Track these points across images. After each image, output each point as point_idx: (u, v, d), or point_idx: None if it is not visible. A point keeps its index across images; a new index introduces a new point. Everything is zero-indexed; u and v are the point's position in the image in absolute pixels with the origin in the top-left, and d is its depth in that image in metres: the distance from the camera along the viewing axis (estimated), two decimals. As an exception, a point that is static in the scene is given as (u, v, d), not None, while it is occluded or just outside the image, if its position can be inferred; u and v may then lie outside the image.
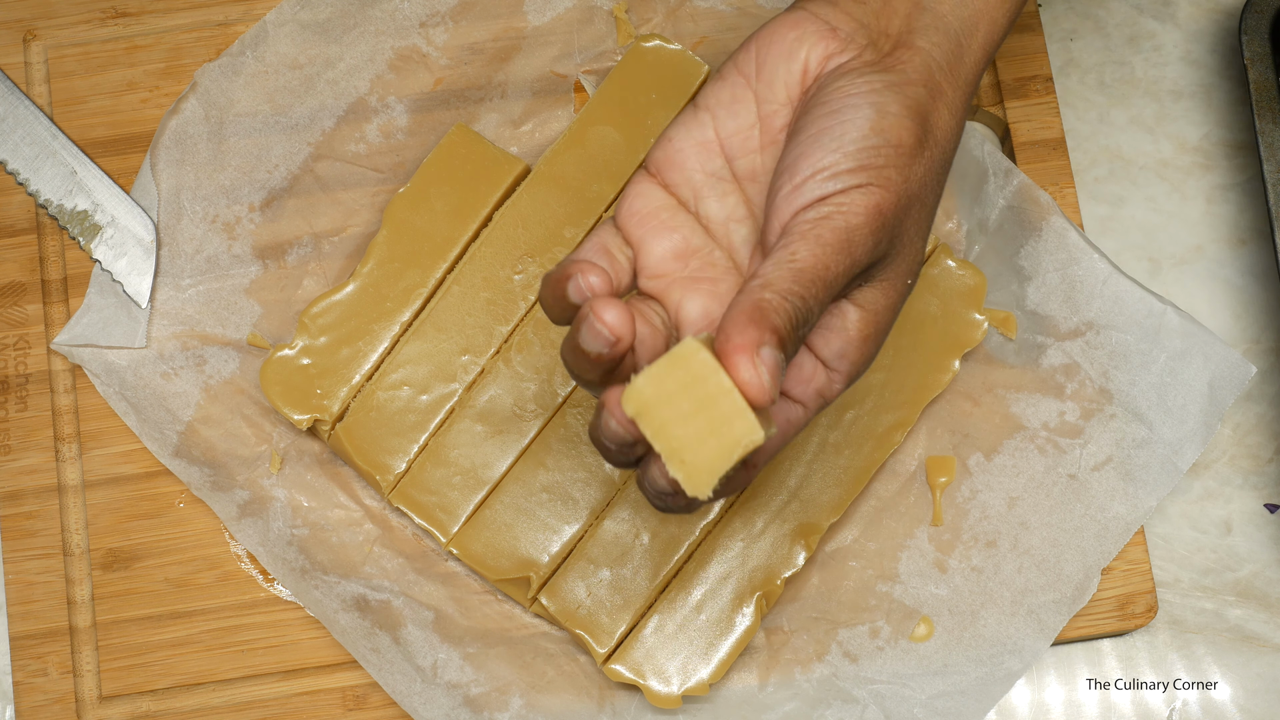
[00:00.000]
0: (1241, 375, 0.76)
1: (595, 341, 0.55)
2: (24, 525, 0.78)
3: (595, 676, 0.76)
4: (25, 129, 0.80)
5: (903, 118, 0.57)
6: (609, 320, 0.55)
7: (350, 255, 0.80)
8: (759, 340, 0.53)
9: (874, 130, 0.56)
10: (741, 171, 0.60)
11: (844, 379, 0.59)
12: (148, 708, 0.76)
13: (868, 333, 0.58)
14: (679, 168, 0.60)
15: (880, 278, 0.58)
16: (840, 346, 0.58)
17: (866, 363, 0.59)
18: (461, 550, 0.75)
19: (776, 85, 0.59)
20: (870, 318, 0.58)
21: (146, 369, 0.78)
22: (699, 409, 0.52)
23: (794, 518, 0.75)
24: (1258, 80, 0.78)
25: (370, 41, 0.81)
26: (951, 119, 0.59)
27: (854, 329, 0.58)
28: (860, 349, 0.58)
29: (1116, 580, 0.77)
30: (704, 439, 0.52)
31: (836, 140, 0.56)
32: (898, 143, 0.56)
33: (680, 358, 0.52)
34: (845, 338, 0.58)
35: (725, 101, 0.60)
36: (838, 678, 0.75)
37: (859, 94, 0.57)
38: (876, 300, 0.58)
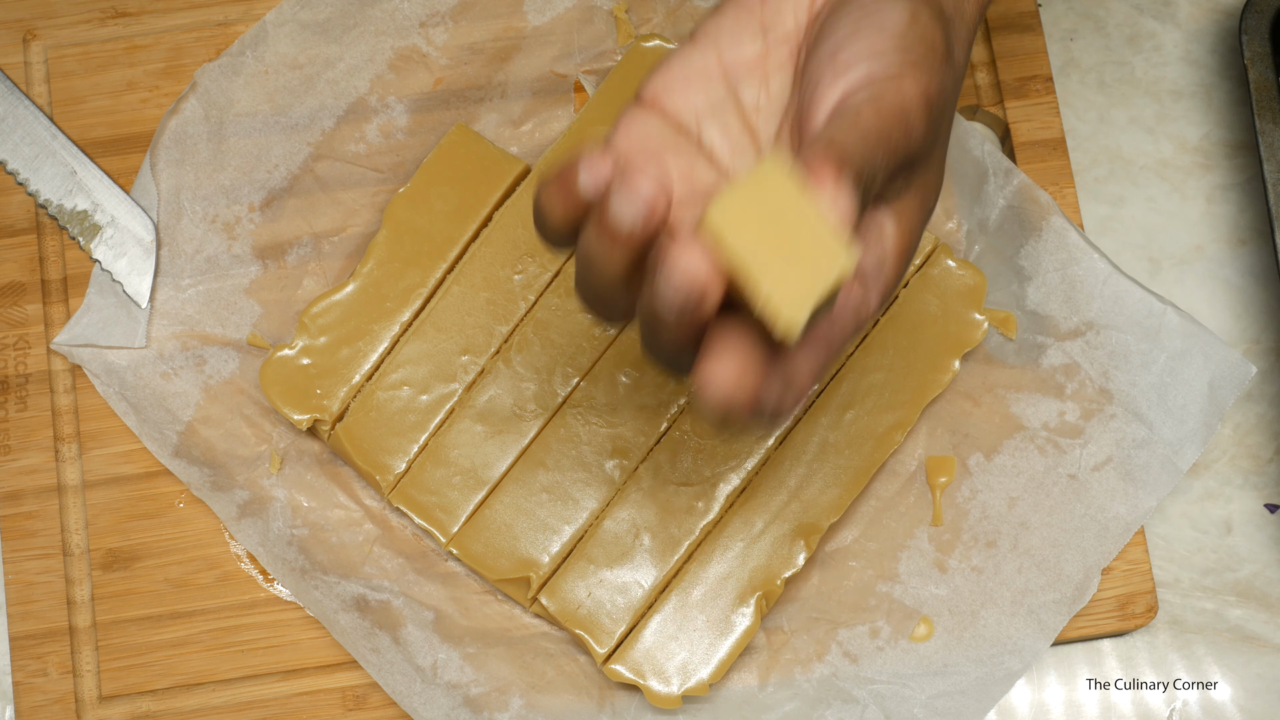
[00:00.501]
0: (1241, 375, 0.76)
1: (631, 205, 0.49)
2: (24, 525, 0.78)
3: (595, 676, 0.76)
4: (25, 129, 0.80)
5: (934, 23, 0.55)
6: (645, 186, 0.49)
7: (350, 255, 0.80)
8: (839, 172, 0.49)
9: (911, 26, 0.54)
10: (746, 101, 0.57)
11: (879, 295, 0.54)
12: (148, 708, 0.76)
13: (902, 245, 0.55)
14: (679, 94, 0.56)
15: (915, 185, 0.55)
16: (878, 256, 0.54)
17: (897, 280, 0.55)
18: (461, 550, 0.75)
19: (784, 12, 0.56)
20: (906, 229, 0.55)
21: (146, 369, 0.78)
22: (786, 234, 0.47)
23: (794, 518, 0.75)
24: (1258, 80, 0.78)
25: (370, 41, 0.81)
26: (962, 52, 0.57)
27: (890, 241, 0.54)
28: (895, 264, 0.54)
29: (1116, 580, 0.77)
30: (792, 265, 0.47)
31: (878, 30, 0.53)
32: (933, 43, 0.54)
33: (765, 178, 0.48)
34: (883, 249, 0.54)
35: (728, 29, 0.57)
36: (838, 678, 0.75)
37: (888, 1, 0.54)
38: (913, 210, 0.55)
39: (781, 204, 0.48)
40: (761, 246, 0.48)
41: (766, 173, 0.48)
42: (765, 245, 0.48)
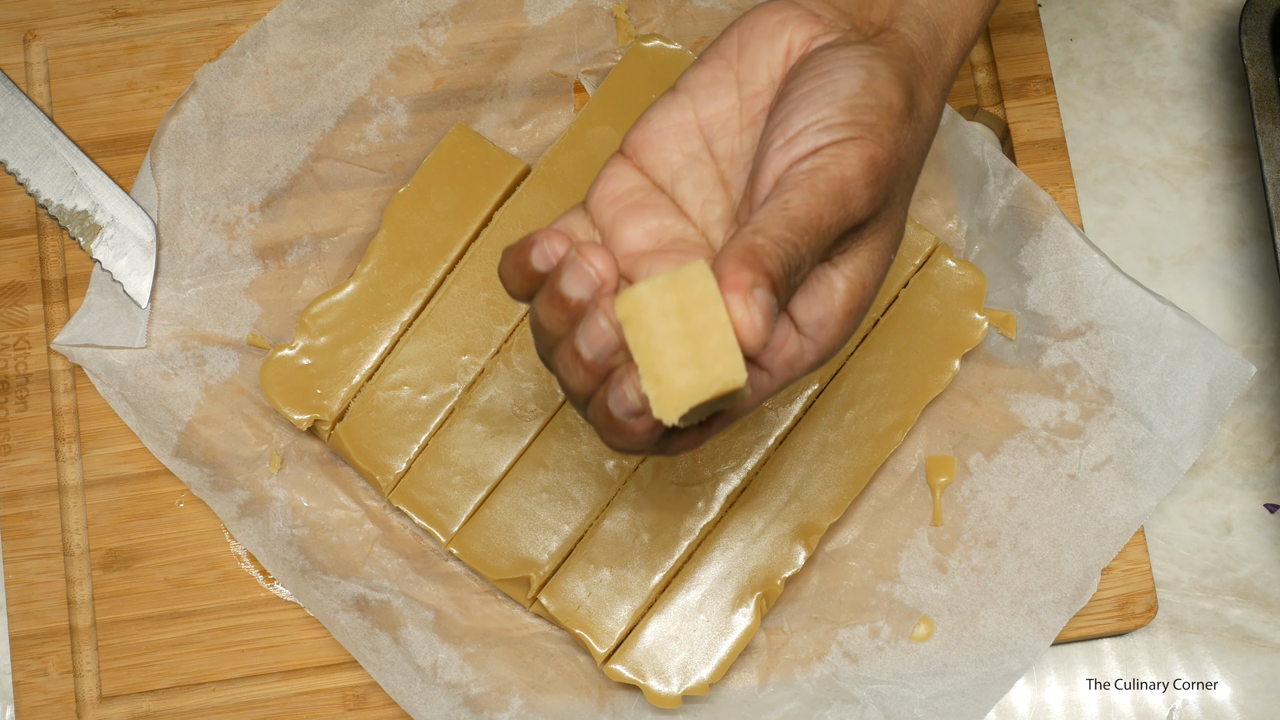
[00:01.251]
0: (1241, 375, 0.76)
1: (580, 284, 0.53)
2: (24, 525, 0.78)
3: (595, 676, 0.76)
4: (25, 129, 0.80)
5: (892, 82, 0.56)
6: (597, 264, 0.54)
7: (350, 255, 0.80)
8: (753, 281, 0.52)
9: (865, 89, 0.56)
10: (720, 153, 0.59)
11: (817, 351, 0.57)
12: (148, 708, 0.76)
13: (851, 306, 0.57)
14: (656, 149, 0.59)
15: (868, 242, 0.57)
16: (822, 315, 0.56)
17: (843, 339, 0.57)
18: (461, 550, 0.75)
19: (759, 67, 0.59)
20: (856, 290, 0.57)
21: (146, 369, 0.78)
22: (690, 334, 0.50)
23: (794, 518, 0.75)
24: (1258, 80, 0.78)
25: (370, 41, 0.81)
26: (933, 102, 0.59)
27: (839, 299, 0.57)
28: (841, 322, 0.57)
29: (1116, 580, 0.77)
30: (686, 365, 0.50)
31: (829, 95, 0.56)
32: (889, 104, 0.56)
33: (686, 278, 0.50)
34: (829, 307, 0.56)
35: (705, 83, 0.59)
36: (838, 678, 0.75)
37: (850, 58, 0.56)
38: (863, 271, 0.57)
39: (697, 307, 0.50)
40: (661, 341, 0.50)
41: (694, 273, 0.50)
42: (665, 341, 0.50)
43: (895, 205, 0.58)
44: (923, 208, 0.79)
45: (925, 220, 0.79)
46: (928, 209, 0.79)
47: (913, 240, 0.77)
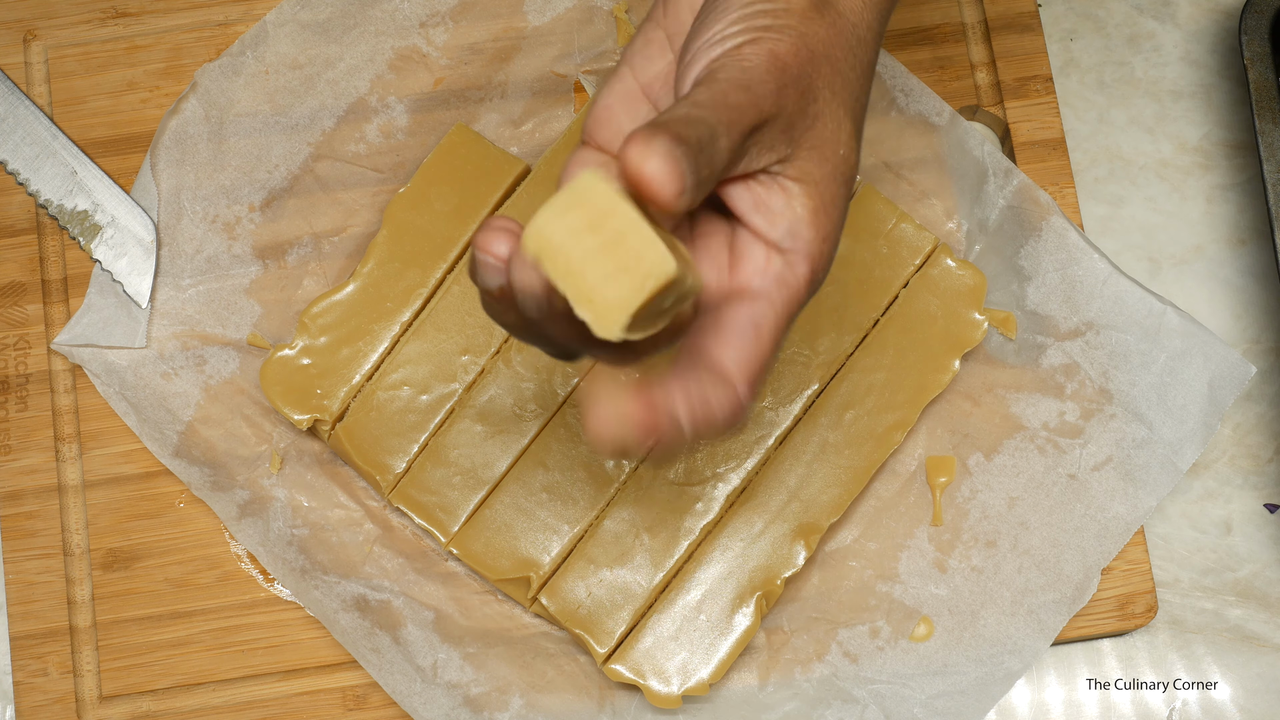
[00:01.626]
0: (1241, 375, 0.76)
1: (489, 275, 0.53)
2: (24, 525, 0.78)
3: (595, 676, 0.76)
4: (25, 129, 0.80)
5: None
6: (496, 250, 0.52)
7: (350, 255, 0.80)
8: (649, 135, 0.50)
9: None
10: None
11: (804, 260, 0.54)
12: (148, 708, 0.76)
13: (814, 205, 0.55)
14: (607, 124, 0.58)
15: (806, 144, 0.55)
16: (789, 223, 0.54)
17: (824, 242, 0.55)
18: (461, 550, 0.75)
19: (683, 14, 0.58)
20: (812, 189, 0.55)
21: (146, 369, 0.78)
22: (605, 245, 0.48)
23: (794, 518, 0.75)
24: (1258, 80, 0.78)
25: (370, 41, 0.81)
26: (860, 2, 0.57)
27: (798, 201, 0.54)
28: (811, 224, 0.54)
29: (1116, 580, 0.77)
30: (611, 276, 0.48)
31: (722, 11, 0.55)
32: (788, 5, 0.55)
33: (580, 190, 0.48)
34: (791, 213, 0.54)
35: (640, 49, 0.59)
36: (838, 678, 0.75)
37: None
38: (811, 170, 0.55)
39: (602, 216, 0.48)
40: (580, 263, 0.48)
41: (585, 183, 0.48)
42: (584, 260, 0.48)
43: (823, 100, 0.55)
44: (923, 208, 0.80)
45: (925, 220, 0.79)
46: (928, 209, 0.79)
47: (913, 240, 0.77)
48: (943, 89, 0.81)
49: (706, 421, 0.53)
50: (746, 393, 0.54)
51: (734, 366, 0.54)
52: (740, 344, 0.54)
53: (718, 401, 0.53)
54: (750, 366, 0.54)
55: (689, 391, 0.53)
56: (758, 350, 0.54)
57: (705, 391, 0.53)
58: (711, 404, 0.53)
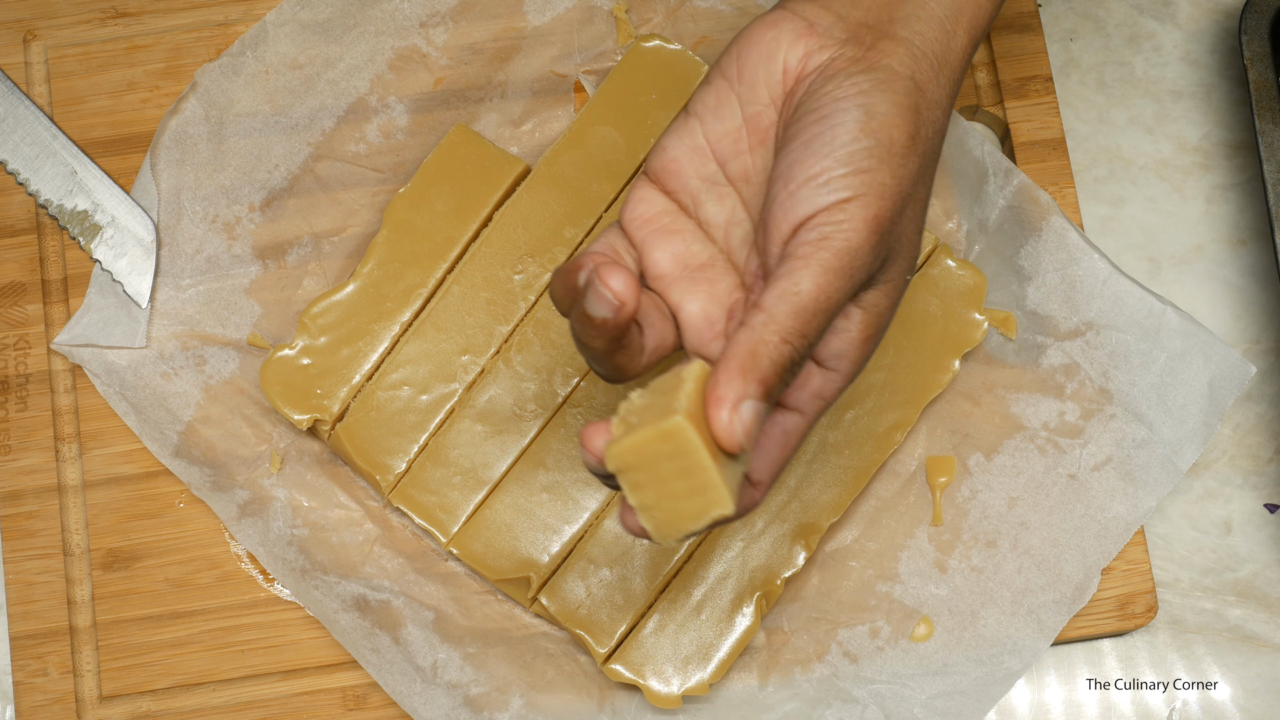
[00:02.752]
0: (1241, 375, 0.76)
1: (600, 306, 0.56)
2: (24, 525, 0.78)
3: (595, 676, 0.76)
4: (25, 129, 0.80)
5: (892, 116, 0.57)
6: (614, 286, 0.56)
7: (350, 255, 0.80)
8: (743, 394, 0.54)
9: (864, 132, 0.56)
10: (734, 174, 0.61)
11: (842, 379, 0.59)
12: (148, 708, 0.76)
13: (868, 334, 0.58)
14: (675, 175, 0.61)
15: (881, 280, 0.58)
16: (840, 347, 0.58)
17: (864, 361, 0.59)
18: (461, 550, 0.75)
19: (758, 87, 0.59)
20: (872, 319, 0.58)
21: (146, 369, 0.78)
22: (676, 475, 0.54)
23: (794, 518, 0.75)
24: (1258, 80, 0.78)
25: (370, 41, 0.81)
26: (938, 111, 0.59)
27: (855, 330, 0.58)
28: (860, 349, 0.59)
29: (1116, 580, 0.77)
30: (677, 501, 0.54)
31: (828, 145, 0.56)
32: (889, 143, 0.56)
33: (666, 433, 0.54)
34: (846, 339, 0.58)
35: (711, 106, 0.60)
36: (838, 678, 0.75)
37: (846, 97, 0.57)
38: (878, 301, 0.58)
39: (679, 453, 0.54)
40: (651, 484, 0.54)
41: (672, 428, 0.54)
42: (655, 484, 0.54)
43: (905, 238, 0.58)
44: (923, 208, 0.79)
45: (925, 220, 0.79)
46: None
47: (913, 240, 0.77)
48: (943, 89, 0.81)
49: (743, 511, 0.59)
50: (763, 494, 0.59)
51: (759, 472, 0.59)
52: (769, 453, 0.59)
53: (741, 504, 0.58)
54: (774, 472, 0.59)
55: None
56: (783, 456, 0.59)
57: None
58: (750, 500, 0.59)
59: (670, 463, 0.54)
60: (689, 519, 0.55)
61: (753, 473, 0.59)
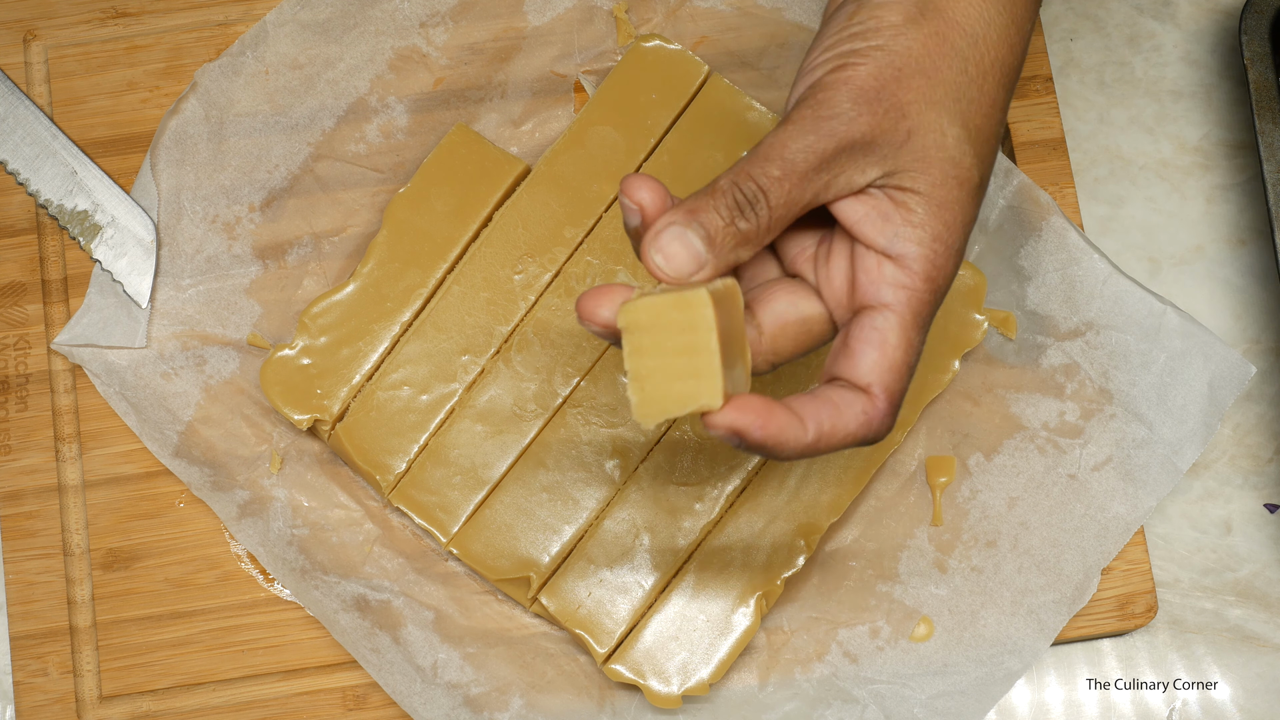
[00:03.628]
0: (1241, 375, 0.76)
1: (630, 217, 0.56)
2: (24, 525, 0.78)
3: (595, 676, 0.76)
4: (25, 129, 0.80)
5: (882, 6, 0.57)
6: (638, 197, 0.56)
7: (350, 255, 0.80)
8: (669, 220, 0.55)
9: (849, 24, 0.57)
10: None
11: (918, 261, 0.56)
12: (148, 708, 0.76)
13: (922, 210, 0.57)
14: None
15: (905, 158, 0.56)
16: (895, 230, 0.57)
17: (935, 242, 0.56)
18: (461, 550, 0.75)
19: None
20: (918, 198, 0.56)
21: (146, 369, 0.78)
22: (680, 351, 0.53)
23: (794, 518, 0.75)
24: (1258, 80, 0.78)
25: (370, 41, 0.81)
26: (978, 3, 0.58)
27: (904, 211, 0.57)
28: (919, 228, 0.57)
29: (1116, 580, 0.77)
30: (671, 379, 0.53)
31: (821, 36, 0.58)
32: (878, 25, 0.56)
33: (687, 301, 0.53)
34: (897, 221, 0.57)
35: None
36: (838, 678, 0.75)
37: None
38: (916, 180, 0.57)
39: (690, 328, 0.53)
40: (652, 353, 0.54)
41: (695, 300, 0.53)
42: (656, 353, 0.54)
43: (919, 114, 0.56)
44: (923, 208, 0.80)
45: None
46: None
47: (913, 240, 0.77)
48: (943, 89, 0.81)
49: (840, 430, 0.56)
50: (883, 399, 0.56)
51: (865, 375, 0.56)
52: (868, 356, 0.56)
53: (849, 411, 0.56)
54: (882, 372, 0.56)
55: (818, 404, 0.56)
56: (885, 357, 0.56)
57: (839, 399, 0.56)
58: (841, 413, 0.56)
59: (679, 336, 0.53)
60: (676, 401, 0.54)
61: (858, 376, 0.56)
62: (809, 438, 0.55)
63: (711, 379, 0.53)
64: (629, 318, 0.54)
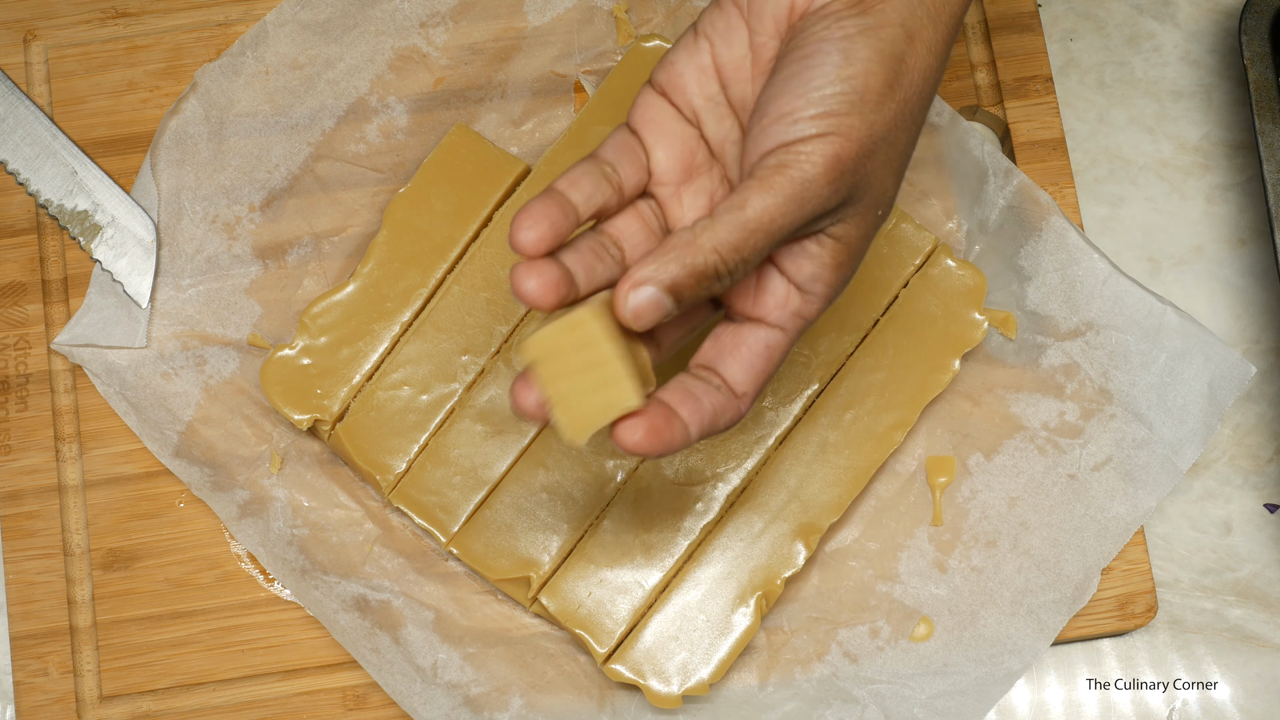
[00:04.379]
0: (1241, 375, 0.76)
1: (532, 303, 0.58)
2: (24, 525, 0.78)
3: (595, 676, 0.76)
4: (25, 129, 0.80)
5: (871, 63, 0.57)
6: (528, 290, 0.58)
7: (350, 255, 0.80)
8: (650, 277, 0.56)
9: (839, 78, 0.57)
10: (735, 98, 0.62)
11: (820, 301, 0.60)
12: (148, 708, 0.76)
13: (840, 259, 0.60)
14: (680, 90, 0.62)
15: (849, 217, 0.59)
16: (813, 271, 0.59)
17: (841, 286, 0.61)
18: (461, 550, 0.75)
19: (765, 18, 0.60)
20: (842, 248, 0.59)
21: (146, 369, 0.78)
22: (585, 368, 0.57)
23: (794, 518, 0.75)
24: (1258, 80, 0.78)
25: (370, 41, 0.81)
26: (930, 58, 0.59)
27: (828, 256, 0.59)
28: (834, 273, 0.60)
29: (1116, 580, 0.77)
30: (586, 395, 0.57)
31: (803, 86, 0.57)
32: (863, 90, 0.57)
33: (574, 323, 0.56)
34: (819, 263, 0.59)
35: (721, 30, 0.61)
36: (838, 678, 0.75)
37: (830, 40, 0.57)
38: (848, 233, 0.59)
39: (588, 344, 0.56)
40: (563, 378, 0.57)
41: (579, 318, 0.56)
42: (567, 377, 0.57)
43: (875, 178, 0.59)
44: (923, 208, 0.80)
45: (925, 220, 0.79)
46: (928, 209, 0.79)
47: (913, 240, 0.77)
48: (943, 89, 0.81)
49: (711, 429, 0.60)
50: (748, 405, 0.61)
51: (743, 384, 0.60)
52: (751, 364, 0.60)
53: (724, 413, 0.60)
54: (756, 384, 0.61)
55: (701, 405, 0.59)
56: (765, 370, 0.61)
57: (716, 403, 0.60)
58: (718, 416, 0.60)
59: (579, 354, 0.56)
60: (598, 413, 0.57)
61: (736, 383, 0.60)
62: (691, 438, 0.59)
63: (622, 383, 0.57)
64: (531, 353, 0.57)
